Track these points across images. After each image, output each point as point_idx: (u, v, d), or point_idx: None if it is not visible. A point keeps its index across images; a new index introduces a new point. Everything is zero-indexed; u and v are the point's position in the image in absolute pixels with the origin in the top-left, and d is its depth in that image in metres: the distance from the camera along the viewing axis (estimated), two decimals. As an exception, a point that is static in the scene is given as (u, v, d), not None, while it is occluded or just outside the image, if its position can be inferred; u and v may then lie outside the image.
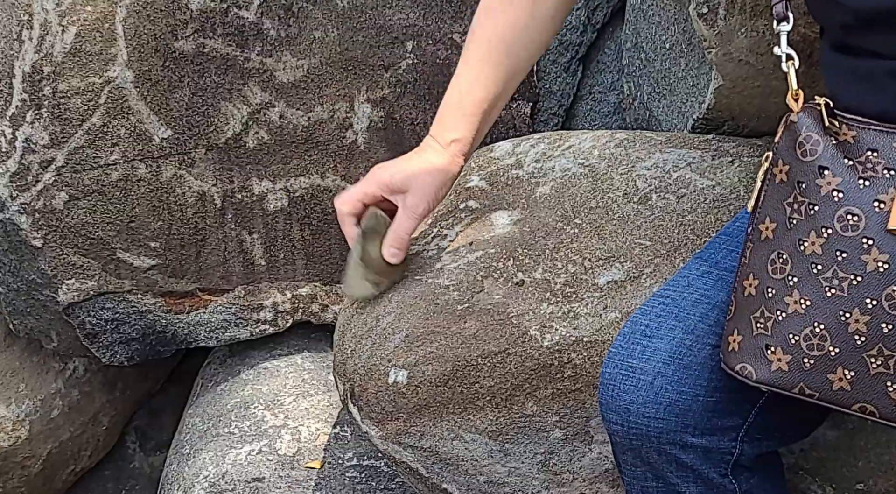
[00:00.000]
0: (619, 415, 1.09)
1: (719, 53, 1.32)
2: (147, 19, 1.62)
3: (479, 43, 1.24)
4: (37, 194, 1.65)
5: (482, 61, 1.24)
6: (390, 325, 1.34)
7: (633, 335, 1.12)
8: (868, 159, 0.99)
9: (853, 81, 1.02)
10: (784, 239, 1.02)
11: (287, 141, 1.72)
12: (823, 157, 1.00)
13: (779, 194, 1.03)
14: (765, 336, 1.03)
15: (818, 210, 1.00)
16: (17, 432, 1.87)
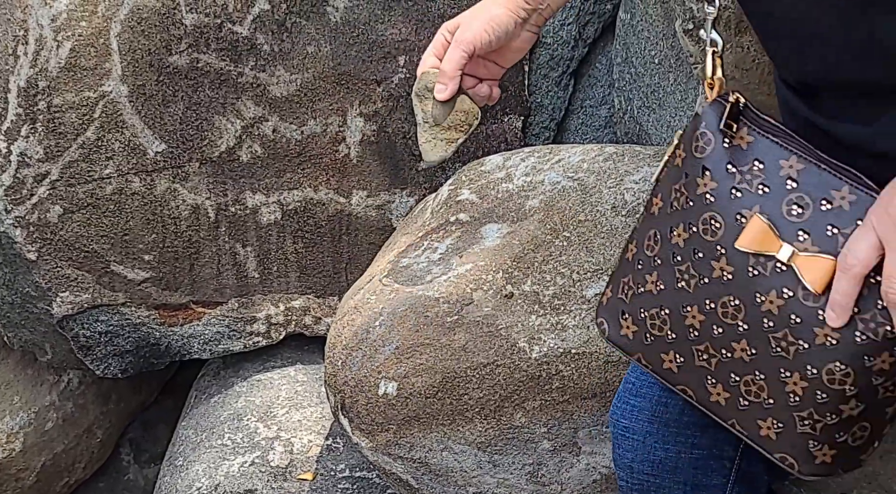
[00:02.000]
0: (624, 472, 1.12)
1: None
2: (141, 34, 1.64)
3: None
4: (31, 207, 1.67)
5: None
6: (380, 337, 1.35)
7: (623, 394, 1.15)
8: (750, 170, 1.00)
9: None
10: (662, 221, 1.04)
11: (280, 154, 1.73)
12: (710, 157, 1.01)
13: (672, 176, 1.04)
14: (623, 302, 1.07)
15: (691, 206, 1.02)
16: (12, 444, 1.88)
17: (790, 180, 0.98)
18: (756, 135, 1.00)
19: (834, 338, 0.96)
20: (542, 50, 1.84)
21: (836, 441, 1.00)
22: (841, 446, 1.01)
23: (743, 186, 1.00)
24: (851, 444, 1.01)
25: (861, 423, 1.00)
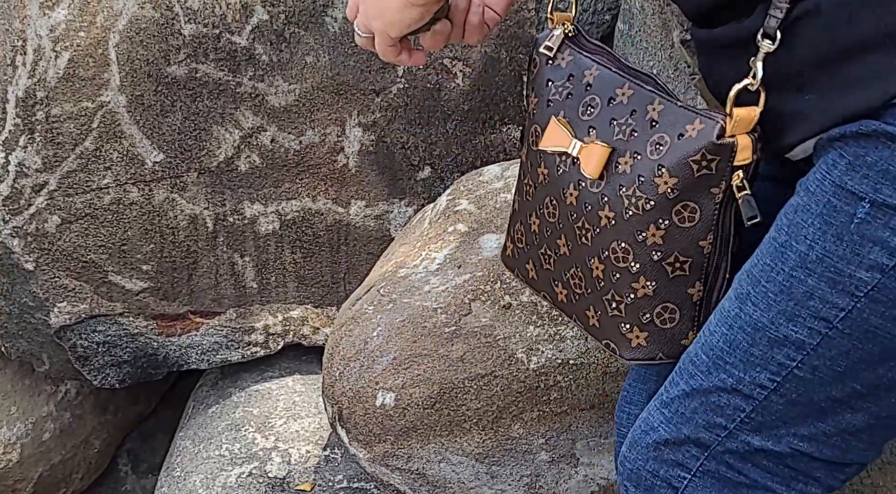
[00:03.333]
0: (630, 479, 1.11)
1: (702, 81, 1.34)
2: (140, 45, 1.64)
3: None
4: (29, 217, 1.67)
5: None
6: (378, 348, 1.35)
7: (622, 403, 1.17)
8: (563, 84, 1.11)
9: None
10: (521, 145, 1.19)
11: (279, 164, 1.73)
12: (536, 78, 1.14)
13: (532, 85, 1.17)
14: (509, 226, 1.20)
15: (525, 123, 1.17)
16: (9, 455, 1.88)
17: (588, 86, 1.09)
18: (574, 55, 1.11)
19: (611, 218, 1.05)
20: (540, 60, 1.84)
21: (643, 321, 1.06)
22: (649, 327, 1.06)
23: (555, 97, 1.12)
24: (661, 325, 1.06)
25: (663, 304, 1.05)
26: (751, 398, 0.98)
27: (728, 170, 0.99)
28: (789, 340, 0.95)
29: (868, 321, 0.91)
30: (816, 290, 0.93)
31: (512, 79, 1.81)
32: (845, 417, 0.96)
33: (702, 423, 1.00)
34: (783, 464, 0.99)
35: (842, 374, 0.94)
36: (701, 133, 0.99)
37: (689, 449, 1.01)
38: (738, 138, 0.98)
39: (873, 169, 0.89)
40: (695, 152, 0.99)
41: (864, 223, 0.89)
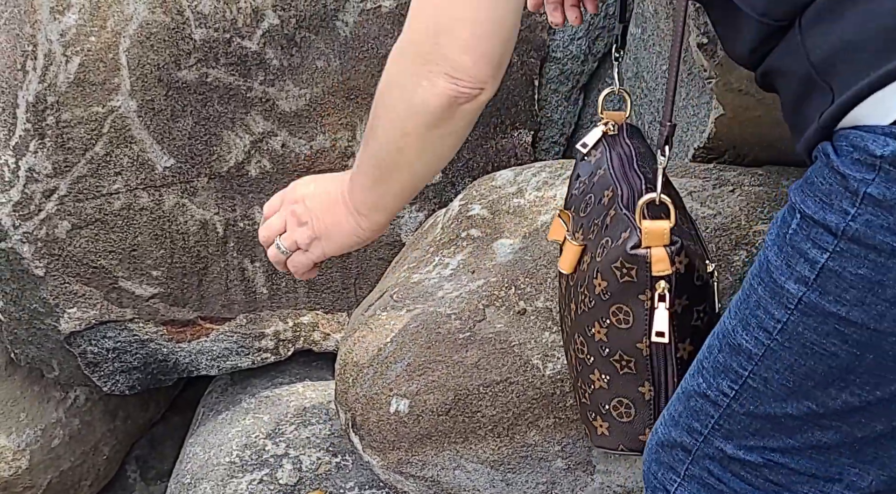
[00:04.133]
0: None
1: (719, 83, 1.33)
2: (150, 49, 1.63)
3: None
4: (39, 223, 1.66)
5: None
6: (392, 354, 1.34)
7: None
8: (587, 179, 1.18)
9: None
10: None
11: (289, 169, 1.72)
12: (574, 170, 1.22)
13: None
14: None
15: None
16: (18, 461, 1.87)
17: (593, 185, 1.14)
18: (603, 152, 1.14)
19: (575, 311, 1.11)
20: (552, 64, 1.84)
21: (602, 412, 1.10)
22: (608, 418, 1.10)
23: (574, 191, 1.19)
24: (618, 419, 1.09)
25: (618, 398, 1.09)
26: (717, 405, 0.98)
27: (649, 279, 1.02)
28: (742, 349, 0.95)
29: (803, 335, 0.91)
30: (762, 300, 0.93)
31: (523, 83, 1.80)
32: (814, 434, 0.95)
33: (685, 426, 1.01)
34: (762, 476, 0.98)
35: (792, 390, 0.94)
36: (624, 241, 1.03)
37: (677, 453, 1.02)
38: (653, 250, 1.01)
39: (806, 181, 0.92)
40: (615, 259, 1.03)
41: (794, 235, 0.91)
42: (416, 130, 1.03)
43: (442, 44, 0.98)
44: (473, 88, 1.00)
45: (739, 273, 1.30)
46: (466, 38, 0.98)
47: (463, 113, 1.02)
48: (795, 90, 0.95)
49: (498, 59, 1.00)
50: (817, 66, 0.92)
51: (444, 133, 1.04)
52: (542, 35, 1.81)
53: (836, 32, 0.90)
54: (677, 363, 1.06)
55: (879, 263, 0.87)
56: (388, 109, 1.05)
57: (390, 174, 1.08)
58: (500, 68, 1.01)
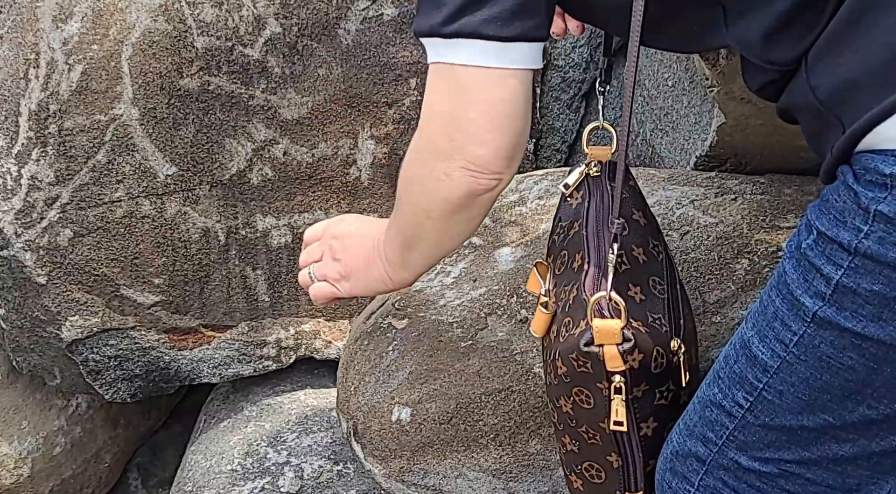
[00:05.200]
0: None
1: (721, 92, 1.33)
2: (153, 57, 1.64)
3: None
4: (41, 230, 1.66)
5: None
6: (394, 362, 1.34)
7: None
8: (567, 226, 1.17)
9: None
10: None
11: (291, 177, 1.72)
12: (556, 211, 1.22)
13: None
14: None
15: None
16: (20, 470, 1.87)
17: (568, 240, 1.13)
18: (584, 196, 1.14)
19: (545, 373, 1.11)
20: (553, 72, 1.84)
21: (576, 471, 1.11)
22: (581, 477, 1.11)
23: (554, 237, 1.18)
24: (590, 480, 1.11)
25: (588, 462, 1.10)
26: (732, 416, 0.99)
27: (605, 373, 1.03)
28: (758, 360, 0.96)
29: (819, 348, 0.92)
30: (779, 312, 0.94)
31: (525, 91, 1.80)
32: (831, 446, 0.95)
33: (699, 436, 1.01)
34: (777, 487, 0.98)
35: (808, 403, 0.94)
36: (580, 334, 1.03)
37: (691, 463, 1.02)
38: (605, 349, 1.02)
39: (822, 199, 0.93)
40: (571, 350, 1.04)
41: (810, 250, 0.92)
42: (438, 217, 1.08)
43: (457, 140, 1.01)
44: (490, 178, 1.03)
45: (741, 282, 1.29)
46: (481, 135, 1.01)
47: (481, 202, 1.06)
48: (811, 124, 0.98)
49: (512, 151, 1.03)
50: (824, 102, 0.94)
51: (464, 218, 1.08)
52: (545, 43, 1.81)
53: (838, 70, 0.93)
54: (641, 440, 1.07)
55: (893, 278, 0.87)
56: (411, 198, 1.10)
57: (415, 245, 1.14)
58: (515, 159, 1.04)
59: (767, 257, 1.29)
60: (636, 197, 1.16)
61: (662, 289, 1.09)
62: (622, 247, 1.07)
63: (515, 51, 0.99)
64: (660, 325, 1.05)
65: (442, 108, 1.03)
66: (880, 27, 0.90)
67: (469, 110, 1.00)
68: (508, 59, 0.99)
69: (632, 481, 1.08)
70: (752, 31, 0.99)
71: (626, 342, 1.01)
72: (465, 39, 0.98)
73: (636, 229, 1.11)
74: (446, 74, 1.00)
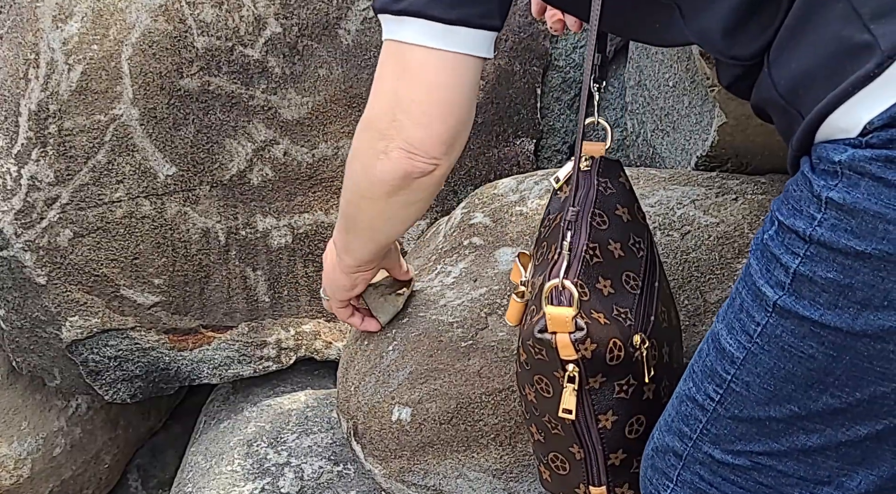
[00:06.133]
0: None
1: (722, 92, 1.32)
2: (153, 58, 1.63)
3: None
4: (41, 231, 1.66)
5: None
6: (394, 362, 1.34)
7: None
8: (550, 220, 1.17)
9: None
10: None
11: (291, 178, 1.72)
12: (548, 202, 1.21)
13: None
14: None
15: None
16: (20, 470, 1.86)
17: (551, 231, 1.13)
18: (570, 190, 1.14)
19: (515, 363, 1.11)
20: (554, 73, 1.84)
21: (543, 461, 1.12)
22: (549, 467, 1.12)
23: (542, 230, 1.18)
24: (556, 470, 1.11)
25: (553, 452, 1.10)
26: (704, 409, 0.99)
27: (559, 361, 1.03)
28: (726, 352, 0.97)
29: (781, 338, 0.93)
30: (745, 303, 0.95)
31: (525, 92, 1.80)
32: (799, 437, 0.96)
33: (676, 431, 1.02)
34: (751, 479, 0.99)
35: (773, 394, 0.95)
36: (537, 321, 1.04)
37: (669, 458, 1.02)
38: (557, 336, 1.02)
39: (785, 191, 0.95)
40: (528, 337, 1.04)
41: (770, 241, 0.93)
42: (375, 197, 1.09)
43: (399, 120, 1.02)
44: (427, 163, 1.04)
45: (742, 281, 1.29)
46: (419, 117, 1.02)
47: (419, 185, 1.06)
48: (779, 120, 1.00)
49: (450, 139, 1.04)
50: (785, 96, 0.96)
51: (402, 202, 1.09)
52: (545, 43, 1.81)
53: (795, 64, 0.94)
54: (600, 433, 1.07)
55: (847, 265, 0.88)
56: (352, 176, 1.11)
57: (354, 228, 1.17)
58: (454, 148, 1.05)
59: (768, 257, 1.29)
60: (625, 194, 1.16)
61: (636, 285, 1.09)
62: (596, 240, 1.07)
63: (460, 35, 0.99)
64: (624, 319, 1.05)
65: (388, 86, 1.03)
66: (827, 19, 0.92)
67: (412, 91, 1.01)
68: (452, 42, 0.99)
69: (594, 473, 1.08)
70: (710, 26, 1.00)
71: (579, 330, 1.01)
72: (412, 18, 0.99)
73: (617, 224, 1.11)
74: (395, 51, 1.02)
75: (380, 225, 1.13)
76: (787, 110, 0.96)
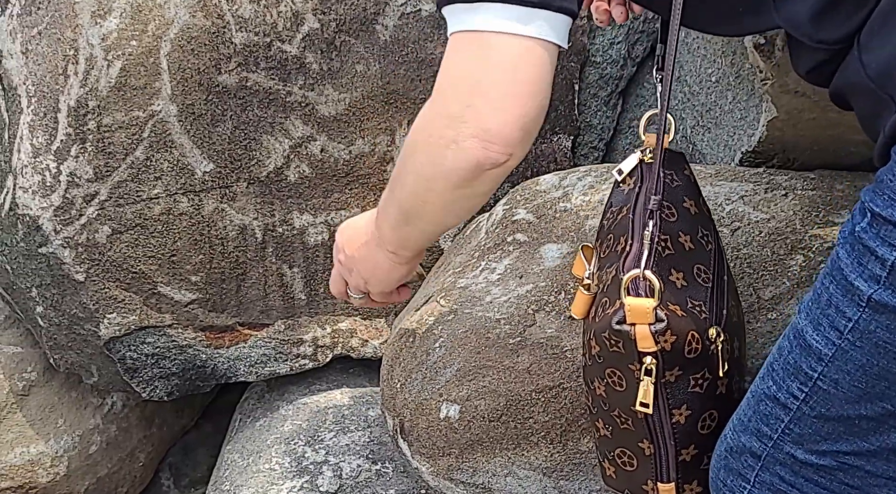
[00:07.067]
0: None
1: (775, 85, 1.31)
2: (191, 53, 1.63)
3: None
4: (80, 227, 1.65)
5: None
6: (441, 359, 1.32)
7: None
8: (613, 213, 1.16)
9: None
10: None
11: (328, 174, 1.71)
12: (609, 194, 1.21)
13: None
14: None
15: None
16: (56, 468, 1.86)
17: (616, 224, 1.12)
18: (636, 182, 1.13)
19: (582, 355, 1.11)
20: (591, 69, 1.82)
21: (608, 457, 1.11)
22: (614, 463, 1.11)
23: (604, 222, 1.17)
24: (622, 467, 1.10)
25: (620, 448, 1.09)
26: (787, 408, 0.97)
27: (637, 353, 1.01)
28: (812, 349, 0.94)
29: (875, 333, 0.90)
30: (833, 298, 0.92)
31: (563, 88, 1.78)
32: (891, 436, 0.94)
33: (754, 431, 0.99)
34: (836, 480, 0.96)
35: (865, 391, 0.92)
36: (614, 313, 1.02)
37: (746, 459, 1.00)
38: (637, 328, 1.00)
39: (877, 181, 0.91)
40: (604, 329, 1.03)
41: (864, 233, 0.90)
42: (442, 189, 1.04)
43: (475, 105, 0.97)
44: (502, 153, 0.99)
45: (797, 278, 1.28)
46: (501, 100, 0.96)
47: (488, 177, 1.01)
48: (864, 105, 0.96)
49: (530, 124, 0.99)
50: (875, 80, 0.93)
51: (468, 194, 1.04)
52: (583, 39, 1.80)
53: (888, 47, 0.92)
54: (673, 428, 1.05)
55: None
56: (415, 167, 1.05)
57: (414, 221, 1.11)
58: (531, 134, 1.00)
59: (823, 253, 1.27)
60: (690, 186, 1.14)
61: (707, 278, 1.07)
62: (667, 232, 1.05)
63: (539, 18, 0.96)
64: (699, 311, 1.04)
65: (460, 71, 0.98)
66: None
67: (490, 72, 0.96)
68: (532, 26, 0.95)
69: (663, 470, 1.07)
70: (799, 10, 0.98)
71: (659, 322, 1.00)
72: (486, 3, 0.95)
73: (685, 216, 1.09)
74: (468, 41, 0.97)
75: (442, 217, 1.09)
76: (877, 95, 0.94)
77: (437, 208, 1.07)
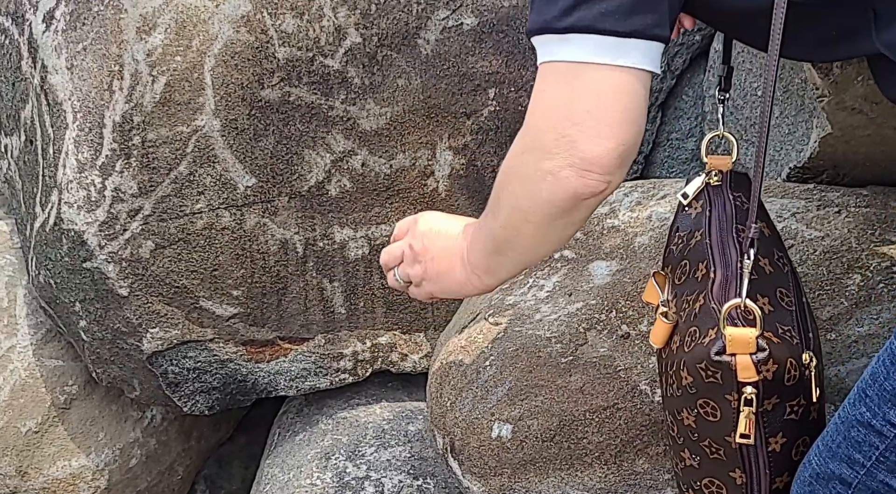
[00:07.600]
0: None
1: (832, 102, 1.30)
2: (235, 68, 1.63)
3: None
4: (124, 242, 1.65)
5: None
6: (492, 377, 1.32)
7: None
8: (685, 236, 1.14)
9: None
10: None
11: (369, 189, 1.71)
12: (674, 219, 1.20)
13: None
14: None
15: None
16: (97, 481, 1.86)
17: (689, 250, 1.10)
18: (704, 206, 1.11)
19: (663, 385, 1.09)
20: (632, 82, 1.81)
21: (694, 487, 1.09)
22: (699, 493, 1.09)
23: (672, 247, 1.15)
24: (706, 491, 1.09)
25: (709, 477, 1.06)
26: (882, 436, 0.94)
27: (735, 383, 0.99)
28: None
29: None
30: None
31: (604, 101, 1.78)
32: None
33: (844, 458, 0.97)
34: None
35: None
36: (710, 343, 1.00)
37: (834, 486, 0.98)
38: (738, 358, 0.98)
39: None
40: (700, 360, 1.00)
41: None
42: (538, 221, 1.03)
43: (571, 136, 0.96)
44: (601, 181, 0.98)
45: (855, 298, 1.27)
46: (597, 128, 0.95)
47: (585, 206, 1.01)
48: None
49: (629, 151, 0.98)
50: None
51: (564, 224, 1.03)
52: (624, 53, 1.79)
53: None
54: (769, 456, 1.04)
55: None
56: (510, 199, 1.05)
57: (506, 251, 1.09)
58: (628, 161, 0.99)
59: (881, 273, 1.26)
60: (760, 208, 1.13)
61: (790, 301, 1.06)
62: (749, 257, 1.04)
63: (632, 48, 0.94)
64: (790, 336, 1.02)
65: (554, 101, 0.97)
66: None
67: (585, 101, 0.95)
68: (625, 56, 0.94)
69: None
70: None
71: (761, 351, 0.98)
72: (580, 34, 0.94)
73: (762, 239, 1.08)
74: (559, 69, 0.96)
75: (536, 247, 1.07)
76: None
77: (532, 239, 1.05)
